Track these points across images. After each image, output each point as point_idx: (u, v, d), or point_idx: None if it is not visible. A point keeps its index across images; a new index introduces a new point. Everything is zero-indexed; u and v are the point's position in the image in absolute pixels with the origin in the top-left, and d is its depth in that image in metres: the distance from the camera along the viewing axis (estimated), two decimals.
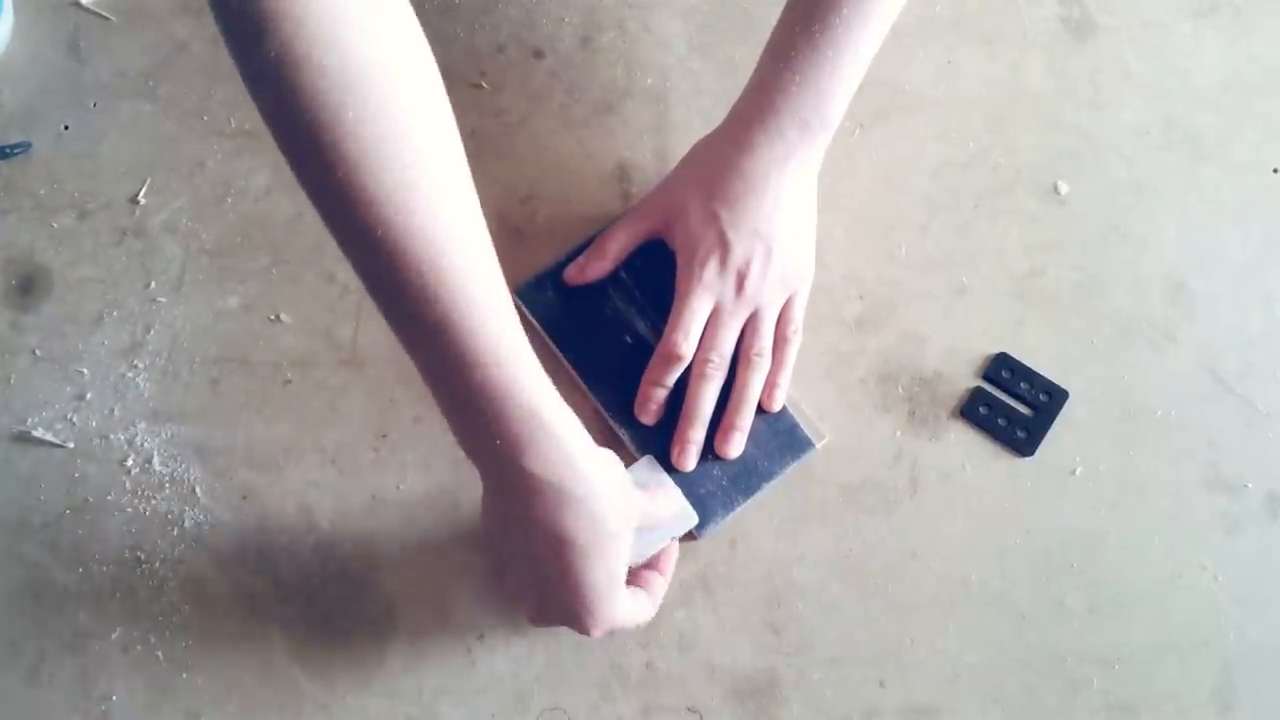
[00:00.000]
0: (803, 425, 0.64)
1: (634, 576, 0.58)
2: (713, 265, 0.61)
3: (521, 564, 0.53)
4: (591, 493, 0.50)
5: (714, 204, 0.61)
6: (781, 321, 0.64)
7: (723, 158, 0.62)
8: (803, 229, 0.64)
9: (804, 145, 0.61)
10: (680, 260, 0.63)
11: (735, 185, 0.61)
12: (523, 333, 0.50)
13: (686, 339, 0.62)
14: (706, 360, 0.62)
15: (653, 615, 0.58)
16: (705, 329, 0.62)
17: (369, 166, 0.44)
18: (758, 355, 0.63)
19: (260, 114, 0.46)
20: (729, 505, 0.62)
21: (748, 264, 0.61)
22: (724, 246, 0.61)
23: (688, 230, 0.62)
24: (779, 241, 0.62)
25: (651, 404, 0.63)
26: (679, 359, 0.62)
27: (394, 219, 0.45)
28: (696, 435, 0.62)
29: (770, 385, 0.64)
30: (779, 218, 0.61)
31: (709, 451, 0.63)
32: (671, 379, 0.63)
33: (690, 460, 0.62)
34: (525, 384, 0.48)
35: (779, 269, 0.62)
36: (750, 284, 0.62)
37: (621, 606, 0.54)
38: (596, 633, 0.54)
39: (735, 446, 0.63)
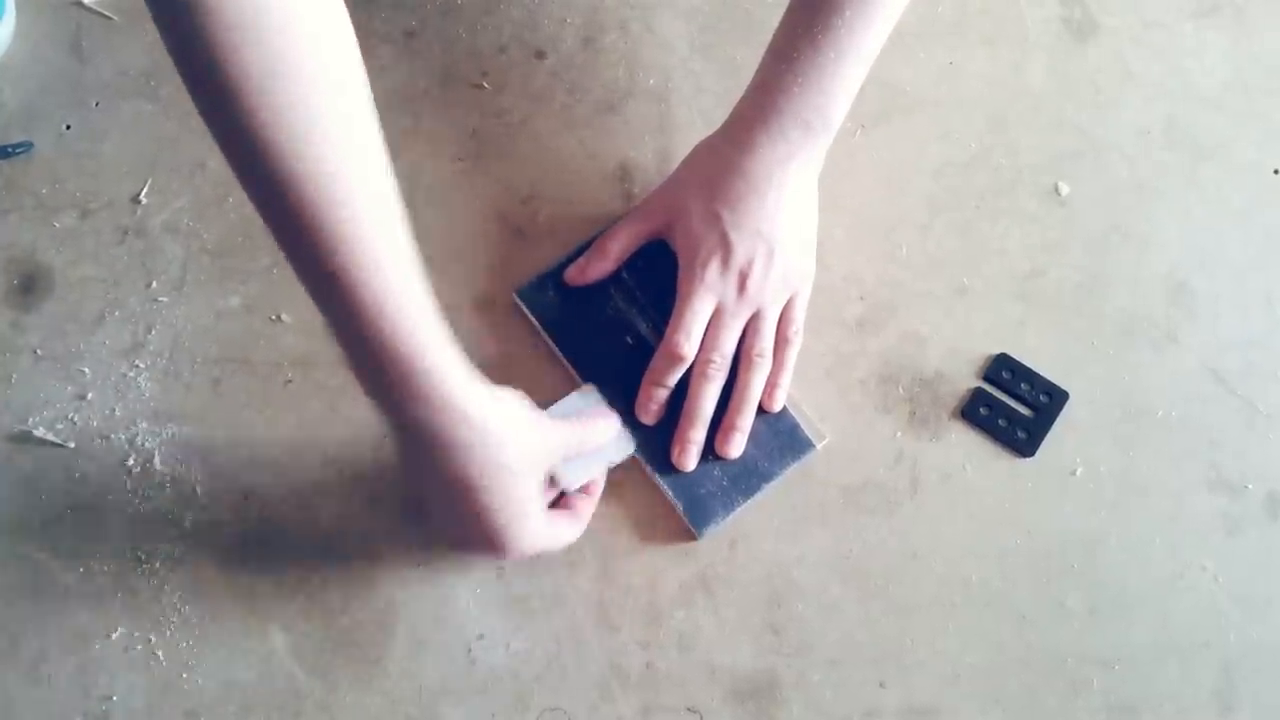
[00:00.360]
0: (803, 426, 0.64)
1: (564, 500, 0.60)
2: (715, 266, 0.61)
3: (435, 503, 0.56)
4: (482, 436, 0.51)
5: (716, 205, 0.61)
6: (783, 322, 0.64)
7: (725, 158, 0.62)
8: (804, 230, 0.64)
9: (806, 146, 0.61)
10: (682, 261, 0.63)
11: (737, 186, 0.61)
12: (420, 285, 0.49)
13: (689, 340, 0.62)
14: (708, 361, 0.62)
15: (577, 535, 0.60)
16: (707, 330, 0.62)
17: (269, 108, 0.44)
18: (759, 356, 0.63)
19: (174, 64, 0.46)
20: (729, 505, 0.62)
21: (750, 264, 0.61)
22: (726, 247, 0.61)
23: (689, 231, 0.62)
24: (781, 242, 0.62)
25: (652, 404, 0.63)
26: (681, 360, 0.62)
27: (293, 165, 0.45)
28: (697, 435, 0.63)
29: (771, 386, 0.64)
30: (781, 218, 0.61)
31: (709, 452, 0.63)
32: (673, 379, 0.63)
33: (691, 460, 0.62)
34: (410, 333, 0.49)
35: (780, 269, 0.62)
36: (752, 284, 0.62)
37: (535, 534, 0.56)
38: (514, 557, 0.56)
39: (736, 447, 0.63)
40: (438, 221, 0.68)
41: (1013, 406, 0.65)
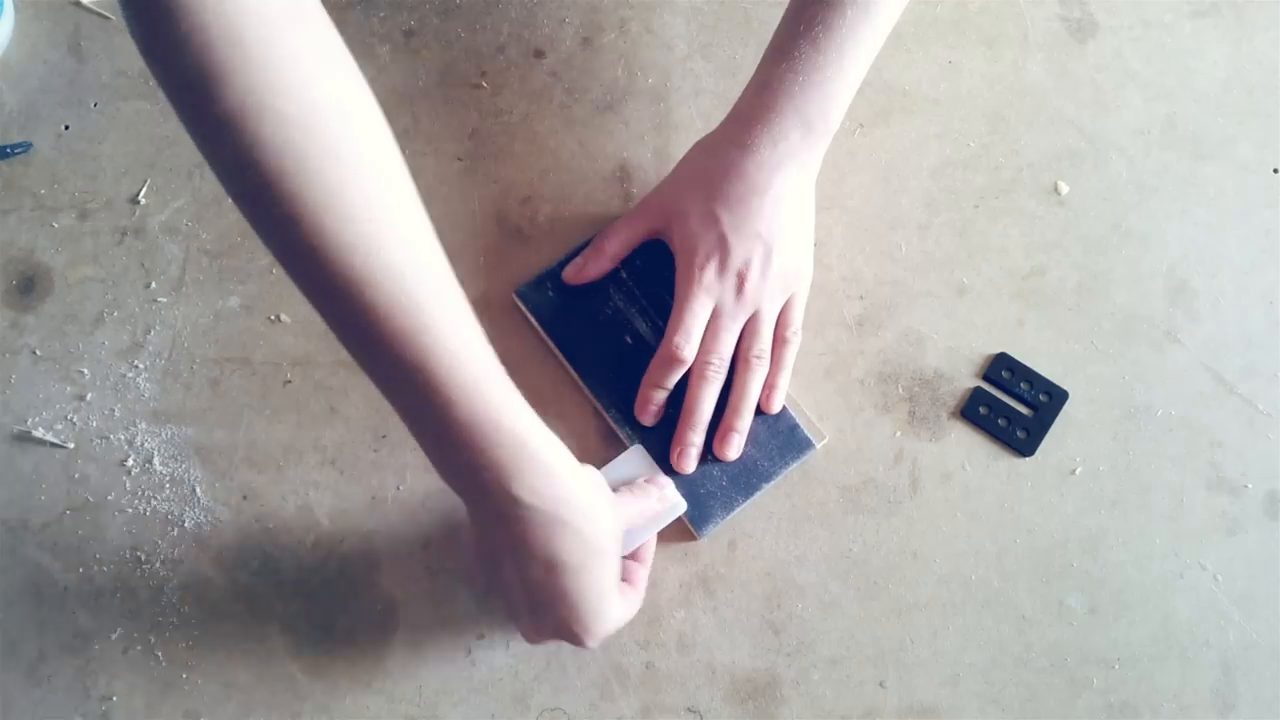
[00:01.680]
0: (803, 426, 0.64)
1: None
2: (712, 267, 0.61)
3: (515, 589, 0.53)
4: (580, 515, 0.51)
5: (714, 205, 0.61)
6: (780, 323, 0.64)
7: (723, 158, 0.62)
8: (802, 230, 0.63)
9: (805, 147, 0.61)
10: (680, 262, 0.63)
11: (736, 186, 0.61)
12: (496, 359, 0.49)
13: (688, 342, 0.61)
14: (707, 363, 0.62)
15: (640, 606, 0.59)
16: (705, 331, 0.62)
17: (334, 211, 0.44)
18: (757, 357, 0.63)
19: (216, 172, 0.45)
20: (729, 506, 0.62)
21: (747, 266, 0.61)
22: (724, 248, 0.61)
23: (688, 231, 0.62)
24: (779, 243, 0.61)
25: (651, 405, 0.63)
26: (680, 362, 0.62)
27: (362, 262, 0.44)
28: (696, 438, 0.62)
29: (769, 387, 0.64)
30: (779, 219, 0.61)
31: (708, 453, 0.63)
32: (672, 381, 0.63)
33: (690, 463, 0.62)
34: (508, 411, 0.49)
35: (779, 270, 0.62)
36: (750, 286, 0.61)
37: (614, 616, 0.55)
38: (592, 643, 0.54)
39: (734, 449, 0.63)
40: (437, 221, 0.68)
41: (1012, 406, 0.65)
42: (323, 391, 0.65)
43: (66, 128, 0.70)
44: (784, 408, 0.64)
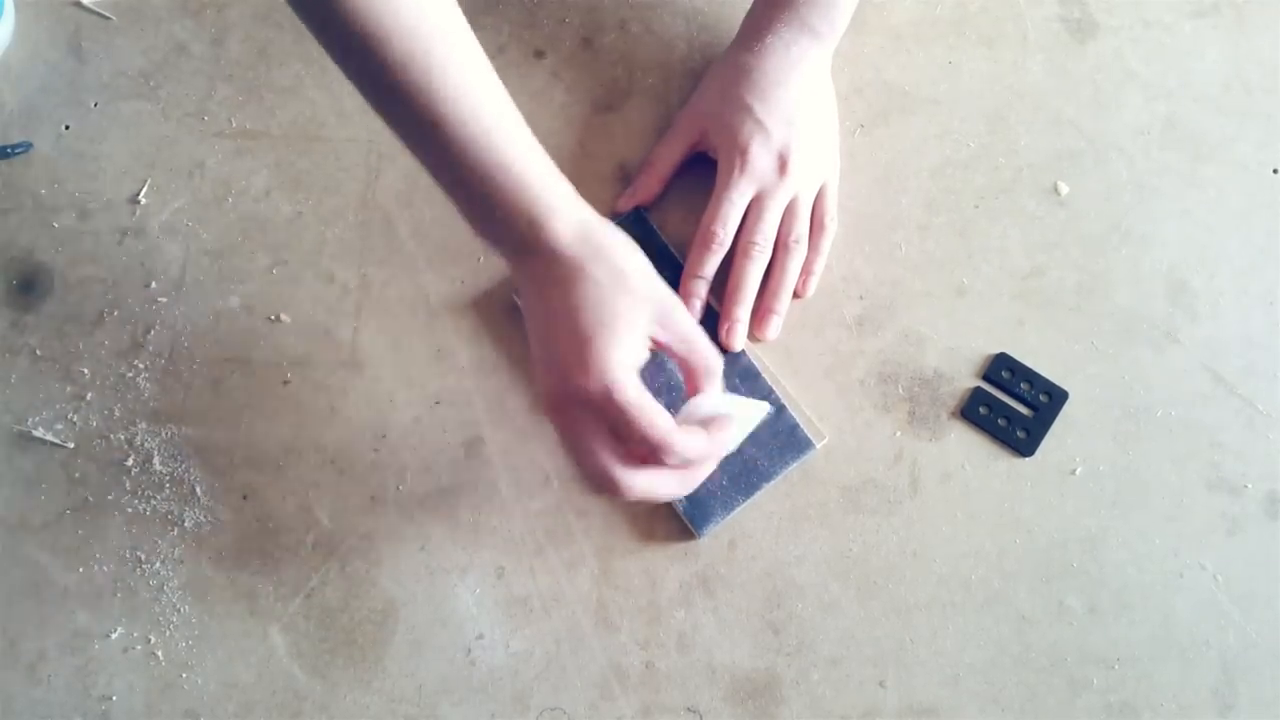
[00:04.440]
0: (803, 426, 0.64)
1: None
2: (755, 148, 0.64)
3: (541, 334, 0.53)
4: (607, 250, 0.52)
5: (746, 98, 0.64)
6: (816, 211, 0.66)
7: (741, 64, 0.65)
8: (828, 119, 0.67)
9: (814, 50, 0.65)
10: (721, 155, 0.65)
11: (760, 81, 0.64)
12: (514, 111, 0.53)
13: (724, 226, 0.64)
14: (752, 243, 0.64)
15: (676, 494, 0.55)
16: (747, 215, 0.65)
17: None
18: (795, 242, 0.65)
19: None
20: (728, 505, 0.62)
21: (787, 147, 0.64)
22: (763, 130, 0.64)
23: (724, 126, 0.65)
24: (811, 128, 0.65)
25: (694, 298, 0.64)
26: (718, 244, 0.64)
27: (376, 20, 0.48)
28: (742, 314, 0.64)
29: (806, 273, 0.66)
30: (806, 108, 0.65)
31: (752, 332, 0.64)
32: (711, 268, 0.64)
33: (738, 339, 0.64)
34: (519, 156, 0.52)
35: (814, 154, 0.65)
36: (793, 165, 0.64)
37: (621, 367, 0.51)
38: (592, 385, 0.50)
39: (773, 329, 0.65)
40: (437, 221, 0.68)
41: (1012, 406, 0.65)
42: (323, 391, 0.65)
43: (67, 128, 0.70)
44: (784, 407, 0.64)
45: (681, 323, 0.55)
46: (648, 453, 0.51)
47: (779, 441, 0.64)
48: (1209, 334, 0.67)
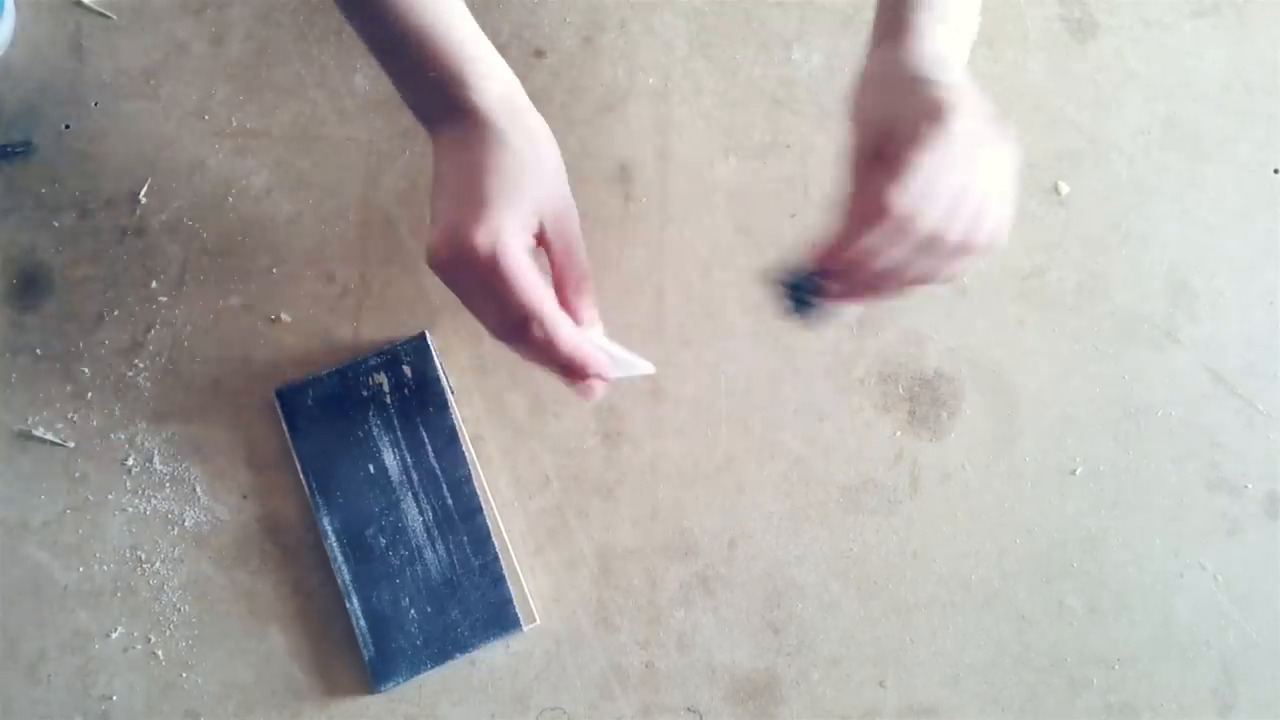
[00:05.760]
0: (516, 603, 0.61)
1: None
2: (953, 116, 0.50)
3: (445, 187, 0.52)
4: (531, 126, 0.53)
5: (919, 80, 0.52)
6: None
7: (898, 60, 0.53)
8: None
9: (960, 43, 0.55)
10: (908, 131, 0.50)
11: (925, 67, 0.52)
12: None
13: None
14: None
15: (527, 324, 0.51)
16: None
17: None
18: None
19: None
20: (416, 666, 0.61)
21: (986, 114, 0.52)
22: (952, 97, 0.51)
23: (911, 106, 0.51)
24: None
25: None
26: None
27: None
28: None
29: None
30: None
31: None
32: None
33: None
34: (455, 23, 0.53)
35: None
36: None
37: (513, 233, 0.50)
38: (480, 241, 0.49)
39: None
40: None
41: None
42: None
43: (67, 127, 0.69)
44: (504, 579, 0.62)
45: (571, 226, 0.54)
46: (521, 321, 0.50)
47: (487, 614, 0.61)
48: (1209, 334, 0.67)
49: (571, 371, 0.52)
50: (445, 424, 0.63)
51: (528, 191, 0.51)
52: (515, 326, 0.50)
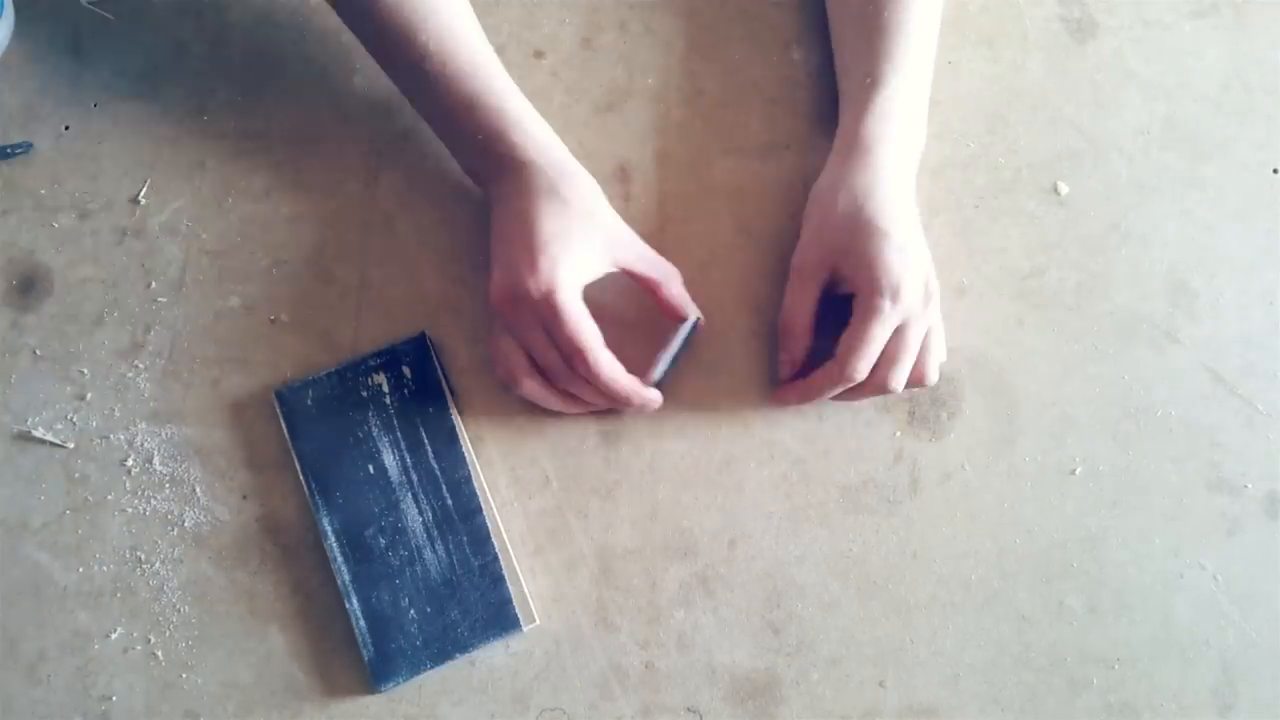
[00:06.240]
0: (516, 604, 0.61)
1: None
2: (908, 279, 0.59)
3: (502, 236, 0.60)
4: (571, 176, 0.60)
5: (878, 222, 0.59)
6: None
7: (858, 186, 0.60)
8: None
9: (914, 159, 0.64)
10: (863, 289, 0.59)
11: (884, 204, 0.60)
12: (490, 51, 0.62)
13: (869, 366, 0.59)
14: (889, 384, 0.60)
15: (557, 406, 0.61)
16: (886, 350, 0.59)
17: None
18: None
19: None
20: (416, 667, 0.60)
21: (930, 273, 0.60)
22: (904, 256, 0.59)
23: (863, 258, 0.59)
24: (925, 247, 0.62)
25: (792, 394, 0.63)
26: (854, 383, 0.60)
27: None
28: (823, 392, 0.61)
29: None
30: (918, 225, 0.62)
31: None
32: (828, 396, 0.62)
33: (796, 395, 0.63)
34: (496, 88, 0.60)
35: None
36: (934, 290, 0.60)
37: (566, 276, 0.57)
38: (537, 285, 0.57)
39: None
40: (438, 221, 0.68)
41: None
42: None
43: (66, 128, 0.70)
44: (503, 579, 0.62)
45: (635, 244, 0.62)
46: (570, 354, 0.57)
47: (486, 614, 0.61)
48: (1209, 334, 0.67)
49: (617, 401, 0.60)
50: (445, 424, 0.63)
51: (579, 237, 0.58)
52: (565, 359, 0.58)
